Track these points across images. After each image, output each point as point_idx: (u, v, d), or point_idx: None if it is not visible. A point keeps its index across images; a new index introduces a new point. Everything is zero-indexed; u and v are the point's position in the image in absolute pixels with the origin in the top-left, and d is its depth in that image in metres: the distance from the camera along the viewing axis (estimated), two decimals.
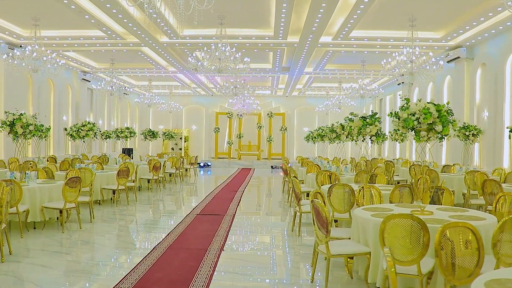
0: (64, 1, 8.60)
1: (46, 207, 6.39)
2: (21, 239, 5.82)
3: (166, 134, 22.01)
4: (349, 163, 12.65)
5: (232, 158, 24.32)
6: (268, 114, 24.74)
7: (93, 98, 18.73)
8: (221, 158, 24.27)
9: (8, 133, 7.86)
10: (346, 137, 10.77)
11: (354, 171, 10.35)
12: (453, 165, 10.81)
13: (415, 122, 4.09)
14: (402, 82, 16.98)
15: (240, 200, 9.83)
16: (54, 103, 15.32)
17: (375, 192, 5.49)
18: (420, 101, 4.22)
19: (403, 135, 15.38)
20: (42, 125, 9.84)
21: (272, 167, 21.60)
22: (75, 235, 6.18)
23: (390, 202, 5.66)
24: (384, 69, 9.73)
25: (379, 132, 7.82)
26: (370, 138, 7.85)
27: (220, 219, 7.43)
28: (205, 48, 9.46)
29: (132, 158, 17.01)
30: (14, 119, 7.60)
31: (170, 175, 13.90)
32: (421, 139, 4.26)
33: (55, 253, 5.36)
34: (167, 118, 24.73)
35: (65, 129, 16.16)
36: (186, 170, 15.98)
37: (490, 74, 11.26)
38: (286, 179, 11.60)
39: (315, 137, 16.89)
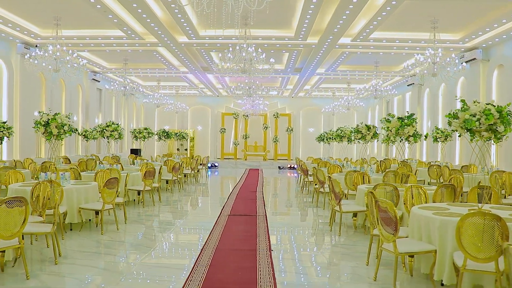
0: (91, 0, 8.54)
1: (83, 208, 6.35)
2: (62, 240, 5.77)
3: (177, 134, 21.95)
4: (368, 164, 12.71)
5: (238, 158, 24.31)
6: (274, 115, 24.77)
7: (102, 98, 18.61)
8: (227, 159, 24.25)
9: (43, 133, 7.80)
10: (371, 137, 10.88)
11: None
12: (470, 165, 10.91)
13: (477, 123, 4.13)
14: (412, 83, 17.12)
15: (263, 200, 9.84)
16: (66, 103, 15.20)
17: (421, 192, 5.55)
18: (479, 103, 4.27)
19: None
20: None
21: (279, 167, 21.62)
22: (115, 236, 6.14)
23: (433, 201, 5.73)
24: (406, 70, 9.81)
25: (415, 132, 7.92)
26: (407, 139, 7.94)
27: (253, 219, 7.43)
28: (230, 49, 9.45)
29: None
30: (48, 119, 7.54)
31: (185, 176, 13.88)
32: (475, 140, 4.32)
33: (102, 255, 5.33)
34: (172, 119, 24.65)
35: (76, 130, 16.00)
36: (197, 171, 15.95)
37: (508, 75, 11.40)
38: (306, 179, 11.66)
39: (331, 138, 16.94)
